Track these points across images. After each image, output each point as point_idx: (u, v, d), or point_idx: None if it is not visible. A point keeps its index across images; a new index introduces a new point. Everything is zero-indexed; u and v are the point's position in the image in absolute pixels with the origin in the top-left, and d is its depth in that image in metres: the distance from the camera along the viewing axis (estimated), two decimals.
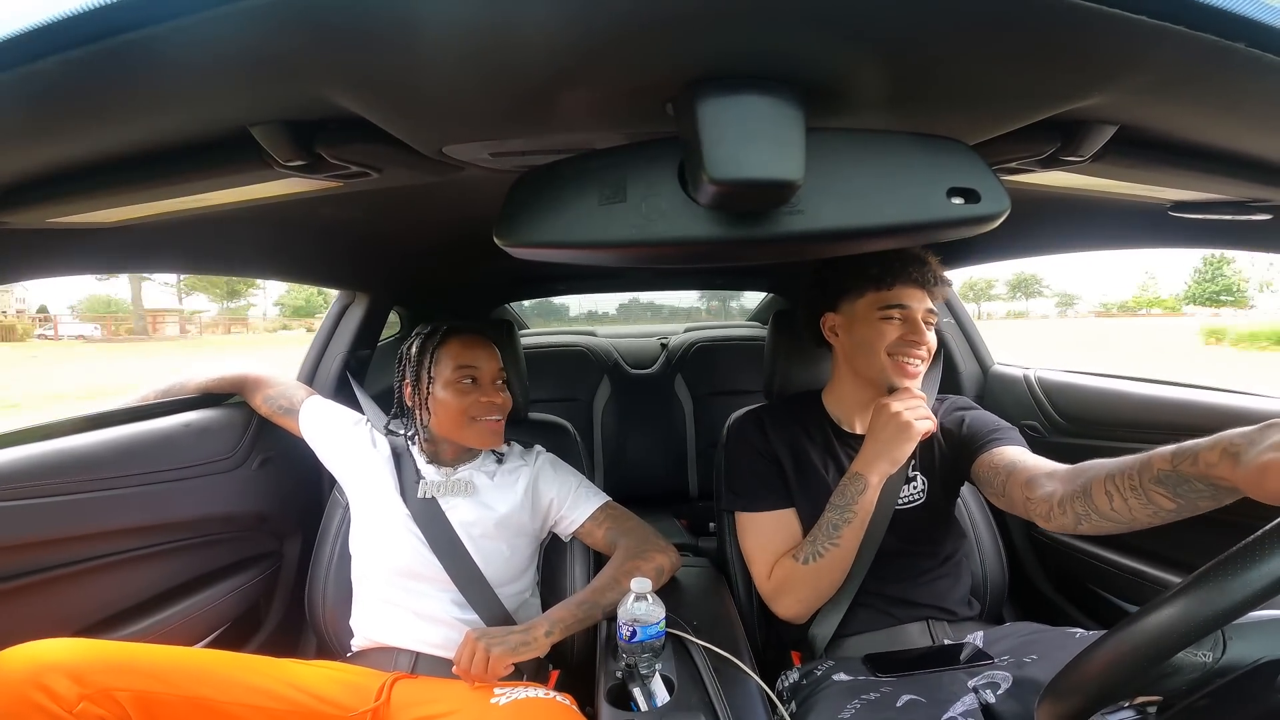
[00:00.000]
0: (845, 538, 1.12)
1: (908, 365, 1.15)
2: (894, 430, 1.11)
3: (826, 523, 1.14)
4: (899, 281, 1.16)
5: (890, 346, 1.15)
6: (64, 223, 0.88)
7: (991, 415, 1.25)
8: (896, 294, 1.16)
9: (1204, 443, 0.75)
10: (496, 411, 1.27)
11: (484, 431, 1.26)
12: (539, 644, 1.06)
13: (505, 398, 1.30)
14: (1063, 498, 0.92)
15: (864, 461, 1.13)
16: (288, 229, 1.16)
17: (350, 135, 0.64)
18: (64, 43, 0.43)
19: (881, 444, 1.12)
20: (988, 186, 0.58)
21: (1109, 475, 0.87)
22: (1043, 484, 0.97)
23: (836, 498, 1.14)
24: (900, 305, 1.16)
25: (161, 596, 1.28)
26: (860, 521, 1.12)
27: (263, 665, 1.03)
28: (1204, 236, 1.14)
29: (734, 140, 0.49)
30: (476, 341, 1.30)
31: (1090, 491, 0.88)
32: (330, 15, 0.42)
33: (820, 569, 1.13)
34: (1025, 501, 1.00)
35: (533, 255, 0.60)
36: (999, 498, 1.08)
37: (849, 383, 1.26)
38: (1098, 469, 0.90)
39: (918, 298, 1.17)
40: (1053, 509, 0.94)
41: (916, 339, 1.14)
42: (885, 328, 1.16)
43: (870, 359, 1.17)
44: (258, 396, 1.46)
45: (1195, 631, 0.52)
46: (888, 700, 0.96)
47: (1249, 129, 0.66)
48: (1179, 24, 0.41)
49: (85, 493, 1.13)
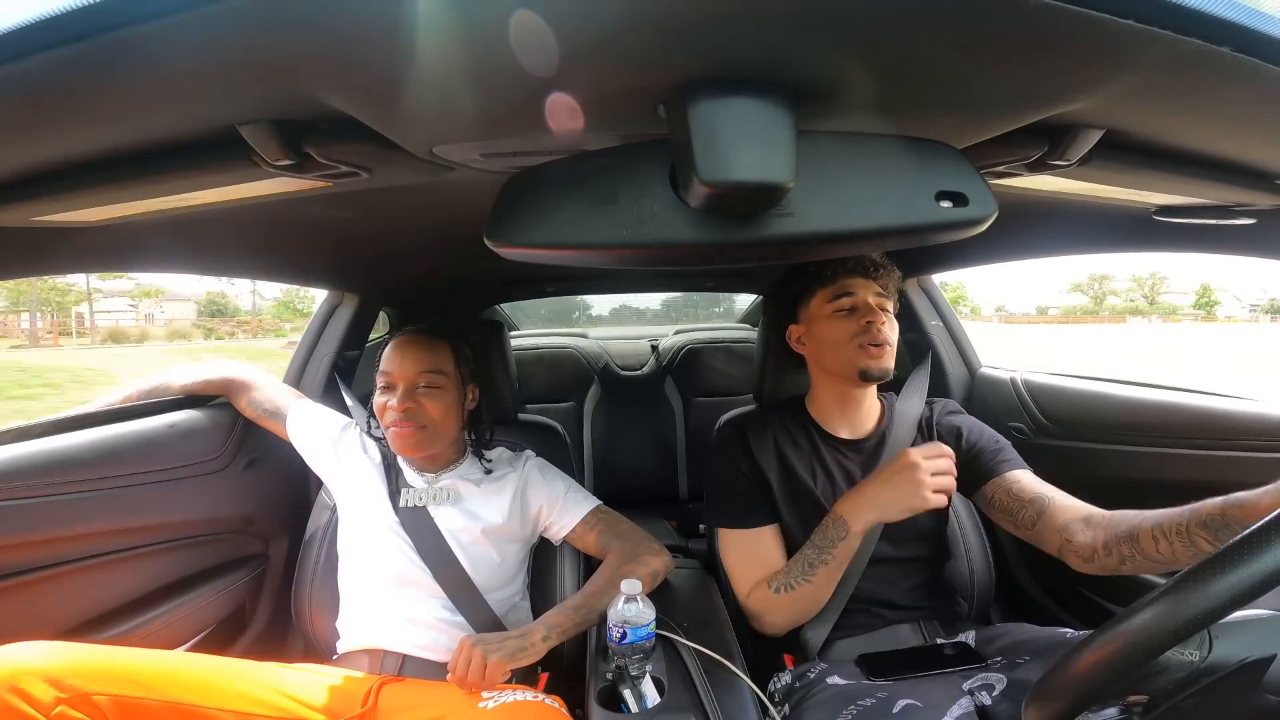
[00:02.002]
0: (820, 576, 1.11)
1: (870, 348, 1.16)
2: (905, 488, 1.03)
3: (803, 558, 1.13)
4: (839, 273, 1.20)
5: (852, 337, 1.17)
6: (49, 221, 0.87)
7: (988, 428, 1.27)
8: (841, 285, 1.19)
9: (1255, 494, 0.82)
10: (406, 419, 1.19)
11: (394, 438, 1.21)
12: (536, 649, 1.06)
13: (424, 407, 1.20)
14: (1107, 542, 0.99)
15: (852, 505, 1.09)
16: (276, 228, 1.15)
17: (340, 135, 0.63)
18: (50, 41, 0.43)
19: (882, 493, 1.06)
20: (975, 190, 0.58)
21: (1157, 523, 0.94)
22: (1080, 530, 1.04)
23: (817, 535, 1.12)
24: (847, 293, 1.19)
25: (146, 598, 1.27)
26: (838, 564, 1.10)
27: (247, 670, 1.01)
28: (1188, 240, 1.15)
29: (725, 143, 0.49)
30: (407, 344, 1.24)
31: (1138, 538, 0.95)
32: (320, 14, 0.42)
33: (796, 598, 1.13)
34: (1064, 544, 1.06)
35: (523, 256, 0.60)
36: (1024, 530, 1.13)
37: (825, 386, 1.27)
38: (1142, 517, 0.97)
39: (863, 285, 1.20)
40: (1096, 552, 1.01)
41: (873, 319, 1.16)
42: (841, 321, 1.19)
43: (836, 352, 1.19)
44: (242, 399, 1.45)
45: (1180, 631, 0.53)
46: (884, 706, 0.96)
47: (1233, 133, 0.67)
48: (1165, 28, 0.41)
49: (67, 494, 1.11)
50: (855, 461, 1.24)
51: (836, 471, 1.23)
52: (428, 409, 1.21)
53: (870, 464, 1.24)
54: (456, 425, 1.27)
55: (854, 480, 1.22)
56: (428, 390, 1.22)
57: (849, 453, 1.25)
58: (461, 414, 1.28)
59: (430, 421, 1.21)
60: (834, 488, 1.22)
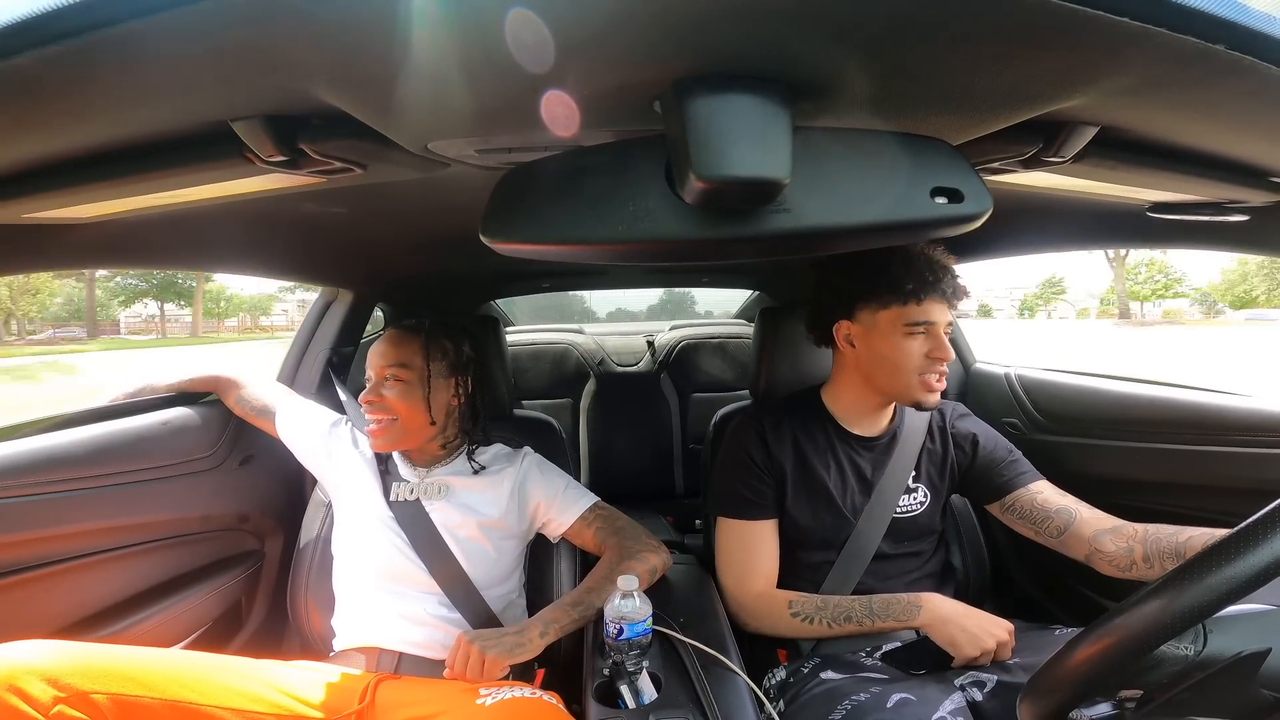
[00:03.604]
0: (844, 629, 1.12)
1: (933, 382, 1.14)
2: (980, 635, 1.04)
3: (844, 608, 1.13)
4: (924, 296, 1.13)
5: (917, 367, 1.13)
6: (41, 218, 0.86)
7: (1000, 435, 1.28)
8: (925, 310, 1.13)
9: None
10: (371, 413, 1.20)
11: (367, 432, 1.22)
12: (533, 645, 1.06)
13: (386, 398, 1.21)
14: (1148, 555, 1.04)
15: (938, 607, 1.09)
16: (270, 224, 1.14)
17: (334, 131, 0.63)
18: (42, 38, 0.43)
19: (967, 622, 1.06)
20: (971, 186, 0.58)
21: (1205, 542, 0.97)
22: (1110, 540, 1.09)
23: (880, 602, 1.12)
24: (928, 322, 1.13)
25: (141, 596, 1.27)
26: (870, 629, 1.11)
27: (244, 667, 1.01)
28: (1181, 236, 1.16)
29: (721, 138, 0.49)
30: (384, 339, 1.25)
31: (1184, 555, 1.00)
32: (314, 9, 0.41)
33: (807, 630, 1.15)
34: (1093, 553, 1.11)
35: (518, 253, 0.60)
36: (1048, 538, 1.16)
37: (857, 389, 1.24)
38: (1188, 535, 1.02)
39: (942, 312, 1.14)
40: (1135, 564, 1.06)
41: (943, 355, 1.13)
42: (910, 344, 1.13)
43: (895, 377, 1.15)
44: (231, 397, 1.44)
45: (1174, 626, 0.53)
46: (878, 701, 0.97)
47: (1226, 131, 0.67)
48: (1161, 26, 0.41)
49: (61, 492, 1.11)
50: (867, 459, 1.25)
51: (849, 467, 1.24)
52: (389, 402, 1.21)
53: (881, 461, 1.24)
54: (426, 420, 1.24)
55: (864, 476, 1.23)
56: (392, 383, 1.22)
57: (862, 450, 1.25)
58: (437, 409, 1.25)
59: (394, 414, 1.21)
60: (845, 482, 1.23)
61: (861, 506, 1.22)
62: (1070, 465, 1.46)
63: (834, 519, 1.21)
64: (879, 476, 1.23)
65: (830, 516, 1.21)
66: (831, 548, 1.21)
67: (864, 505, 1.22)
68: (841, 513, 1.21)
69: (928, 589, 1.21)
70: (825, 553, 1.22)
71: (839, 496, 1.21)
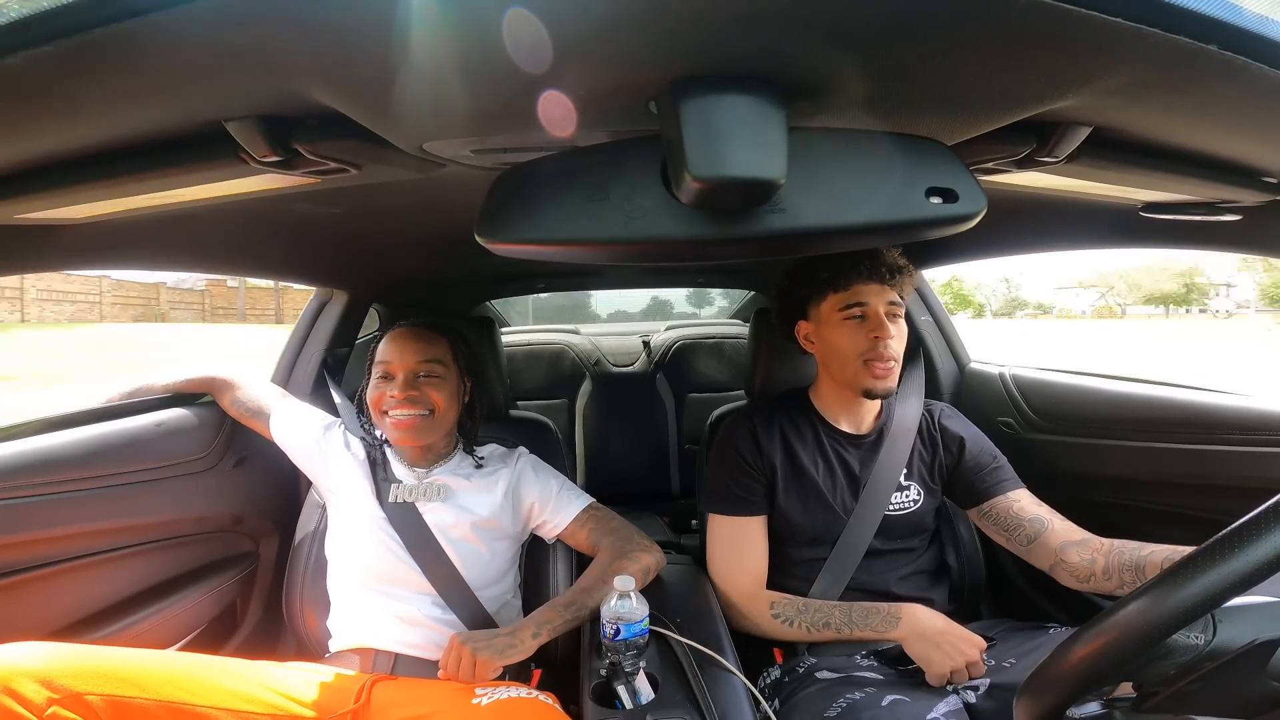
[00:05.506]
0: (823, 634, 1.13)
1: (877, 367, 1.14)
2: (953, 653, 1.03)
3: (825, 613, 1.14)
4: (854, 279, 1.16)
5: (860, 352, 1.15)
6: (34, 218, 0.86)
7: (986, 440, 1.29)
8: (854, 292, 1.16)
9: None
10: (407, 406, 1.21)
11: (392, 426, 1.22)
12: (526, 646, 1.06)
13: (427, 394, 1.22)
14: (1108, 568, 1.05)
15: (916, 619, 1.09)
16: (264, 225, 1.14)
17: (329, 131, 0.63)
18: (34, 39, 0.42)
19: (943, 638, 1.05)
20: (965, 186, 0.58)
21: (1166, 558, 0.99)
22: (1076, 551, 1.10)
23: (860, 611, 1.12)
24: (859, 303, 1.15)
25: (136, 598, 1.26)
26: (848, 637, 1.12)
27: (239, 668, 1.01)
28: (1174, 237, 1.16)
29: (716, 139, 0.49)
30: (406, 335, 1.26)
31: (1144, 569, 1.01)
32: (309, 9, 0.41)
33: (789, 632, 1.16)
34: (1058, 563, 1.12)
35: (514, 253, 0.60)
36: (1017, 546, 1.17)
37: (831, 385, 1.27)
38: (1149, 550, 1.02)
39: (876, 292, 1.16)
40: (1094, 575, 1.07)
41: (880, 335, 1.14)
42: (851, 329, 1.16)
43: (843, 364, 1.18)
44: (226, 398, 1.44)
45: (1172, 623, 0.53)
46: (872, 700, 0.97)
47: (1219, 131, 0.67)
48: (1154, 26, 0.41)
49: (55, 493, 1.10)
50: (855, 455, 1.26)
51: (836, 463, 1.25)
52: (431, 396, 1.22)
53: (869, 458, 1.25)
54: (456, 414, 1.29)
55: (853, 473, 1.24)
56: (429, 379, 1.23)
57: (849, 446, 1.26)
58: (459, 406, 1.30)
59: (434, 408, 1.23)
60: (834, 478, 1.23)
61: (852, 503, 1.22)
62: (1065, 464, 1.47)
63: (825, 515, 1.21)
64: (868, 473, 1.24)
65: (821, 512, 1.21)
66: (823, 544, 1.22)
67: (854, 502, 1.22)
68: (833, 509, 1.21)
69: (921, 586, 1.22)
70: (817, 549, 1.22)
71: (829, 493, 1.21)
